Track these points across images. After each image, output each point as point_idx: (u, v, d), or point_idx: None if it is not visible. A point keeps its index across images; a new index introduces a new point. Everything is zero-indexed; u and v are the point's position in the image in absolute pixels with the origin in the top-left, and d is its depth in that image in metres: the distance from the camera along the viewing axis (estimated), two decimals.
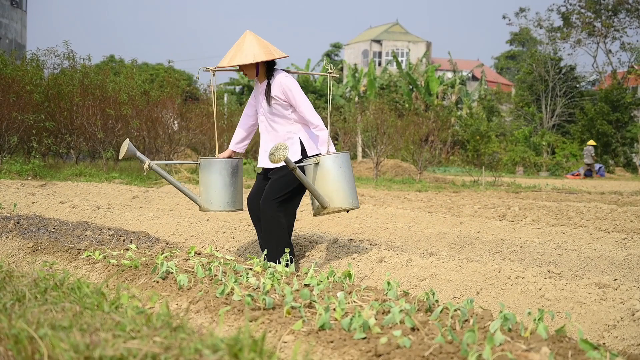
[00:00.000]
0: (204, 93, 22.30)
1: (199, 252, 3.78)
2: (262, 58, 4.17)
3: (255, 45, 4.21)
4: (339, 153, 4.16)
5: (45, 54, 16.25)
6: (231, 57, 4.21)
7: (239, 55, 4.19)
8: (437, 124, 18.94)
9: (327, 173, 4.13)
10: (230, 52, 4.25)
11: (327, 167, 4.12)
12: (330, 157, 4.12)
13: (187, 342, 1.82)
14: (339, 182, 4.11)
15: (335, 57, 55.00)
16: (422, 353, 1.94)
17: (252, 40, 4.23)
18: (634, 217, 7.76)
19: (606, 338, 3.05)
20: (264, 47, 4.23)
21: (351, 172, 4.21)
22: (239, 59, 4.17)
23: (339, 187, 4.10)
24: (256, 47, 4.20)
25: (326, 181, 4.13)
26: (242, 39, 4.26)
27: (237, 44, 4.27)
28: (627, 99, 31.87)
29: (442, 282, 3.90)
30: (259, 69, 4.28)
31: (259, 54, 4.18)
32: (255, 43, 4.22)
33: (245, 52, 4.18)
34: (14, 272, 2.91)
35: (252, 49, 4.19)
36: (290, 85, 4.25)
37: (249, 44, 4.21)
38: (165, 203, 8.13)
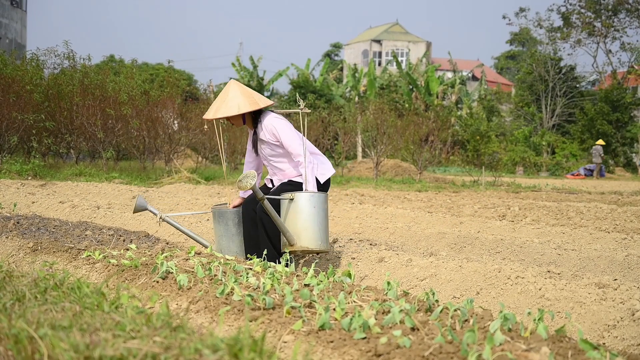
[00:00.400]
0: (204, 93, 22.30)
1: (199, 252, 3.78)
2: (246, 109, 4.21)
3: (239, 96, 4.25)
4: (316, 193, 4.12)
5: (45, 54, 16.27)
6: (216, 109, 4.26)
7: (224, 107, 4.24)
8: (437, 124, 18.94)
9: (300, 211, 4.09)
10: (216, 104, 4.30)
11: (301, 205, 4.09)
12: (306, 195, 4.09)
13: (187, 342, 1.82)
14: (310, 222, 4.06)
15: (335, 57, 55.02)
16: (422, 353, 1.94)
17: (236, 90, 4.28)
18: (634, 217, 7.76)
19: (606, 338, 3.05)
20: (248, 97, 4.26)
21: (325, 213, 4.17)
22: (224, 111, 4.22)
23: (309, 226, 4.04)
24: (240, 98, 4.24)
25: (297, 219, 4.09)
26: (226, 90, 4.31)
27: (221, 94, 4.32)
28: (627, 99, 31.87)
29: (442, 282, 3.90)
30: (245, 119, 4.35)
31: (243, 105, 4.22)
32: (239, 93, 4.26)
33: (230, 104, 4.23)
34: (14, 272, 2.91)
35: (236, 100, 4.23)
36: (277, 125, 4.29)
37: (233, 94, 4.26)
38: (165, 203, 8.14)
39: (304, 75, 38.61)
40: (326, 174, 4.42)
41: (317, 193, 4.12)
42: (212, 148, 17.95)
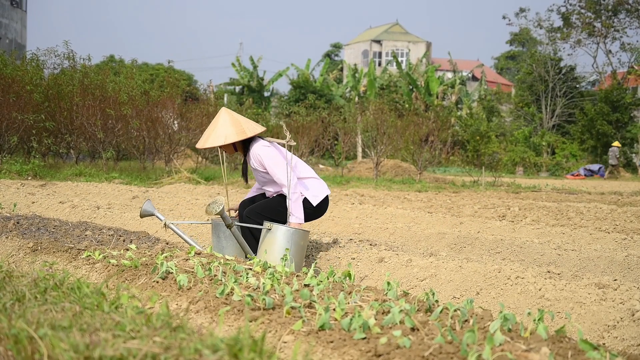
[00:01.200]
0: (204, 93, 22.31)
1: (198, 252, 3.78)
2: (233, 139, 4.27)
3: (227, 126, 4.30)
4: (292, 230, 4.18)
5: (45, 54, 16.26)
6: (205, 139, 4.33)
7: (212, 137, 4.30)
8: (437, 124, 18.94)
9: (274, 243, 4.18)
10: (207, 133, 4.36)
11: (277, 238, 4.18)
12: (282, 229, 4.17)
13: (187, 342, 1.82)
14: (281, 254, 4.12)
15: (335, 57, 55.02)
16: (422, 353, 1.94)
17: (226, 119, 4.32)
18: (634, 217, 7.76)
19: (606, 338, 3.05)
20: (237, 126, 4.31)
21: (300, 249, 4.22)
22: (212, 141, 4.29)
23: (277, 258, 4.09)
24: (229, 128, 4.29)
25: (271, 250, 4.18)
26: (216, 119, 4.37)
27: (212, 123, 4.38)
28: (627, 99, 31.87)
29: (442, 282, 3.90)
30: (236, 147, 4.41)
31: (231, 135, 4.27)
32: (229, 123, 4.31)
33: (218, 133, 4.29)
34: (13, 272, 2.91)
35: (225, 130, 4.29)
36: (262, 153, 4.34)
37: (222, 124, 4.32)
38: (165, 203, 8.14)
39: (304, 76, 38.61)
40: (319, 195, 4.47)
41: (294, 230, 4.19)
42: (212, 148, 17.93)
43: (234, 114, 4.38)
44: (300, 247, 4.23)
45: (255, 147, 4.36)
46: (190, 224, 4.94)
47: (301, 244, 4.24)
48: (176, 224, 4.49)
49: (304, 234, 4.27)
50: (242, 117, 4.42)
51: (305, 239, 4.29)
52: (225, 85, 39.44)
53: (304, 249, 4.30)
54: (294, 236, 4.20)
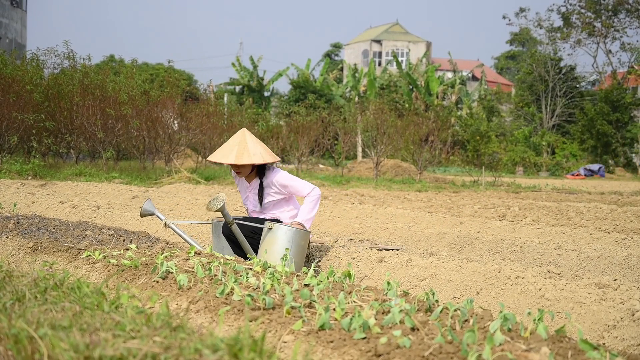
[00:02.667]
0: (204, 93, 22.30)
1: (198, 252, 3.78)
2: (268, 159, 4.31)
3: (258, 145, 4.34)
4: (293, 229, 4.20)
5: (45, 54, 16.25)
6: (237, 156, 4.27)
7: (246, 155, 4.27)
8: (437, 124, 18.94)
9: (275, 242, 4.21)
10: (232, 149, 4.31)
11: (278, 237, 4.21)
12: (284, 229, 4.20)
13: (187, 342, 1.81)
14: (281, 255, 4.14)
15: (335, 57, 55.02)
16: (422, 353, 1.94)
17: (254, 139, 4.36)
18: (634, 217, 7.76)
19: (606, 338, 3.05)
20: (265, 148, 4.36)
21: (301, 249, 4.24)
22: (248, 158, 4.26)
23: (277, 258, 4.12)
24: (260, 148, 4.33)
25: (272, 249, 4.21)
26: (242, 137, 4.34)
27: (238, 142, 4.33)
28: (627, 99, 31.87)
29: (442, 282, 3.90)
30: (253, 169, 4.42)
31: (266, 155, 4.32)
32: (257, 143, 4.35)
33: (252, 151, 4.29)
34: (14, 271, 2.91)
35: (257, 149, 4.32)
36: (283, 177, 4.41)
37: (252, 143, 4.32)
38: (165, 203, 8.13)
39: (304, 75, 38.61)
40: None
41: (295, 230, 4.21)
42: (212, 148, 17.94)
43: (254, 136, 4.44)
44: (300, 248, 4.24)
45: (275, 174, 4.42)
46: (190, 223, 4.95)
47: (302, 244, 4.24)
48: (176, 224, 4.49)
49: (305, 234, 4.28)
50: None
51: (306, 239, 4.29)
52: (225, 85, 39.45)
53: (305, 249, 4.31)
54: (295, 236, 4.20)
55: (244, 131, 4.41)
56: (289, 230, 4.20)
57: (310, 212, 4.39)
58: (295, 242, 4.20)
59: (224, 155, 4.33)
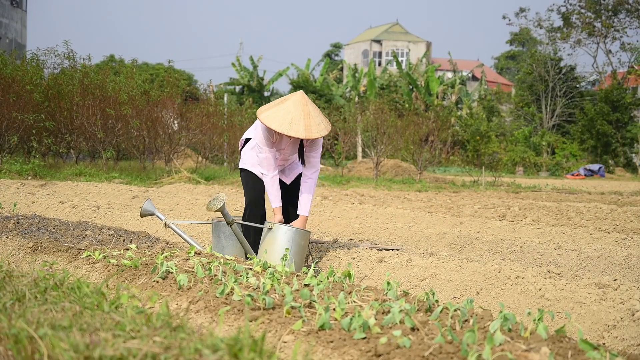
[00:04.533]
0: (204, 93, 22.30)
1: (199, 252, 3.78)
2: (329, 129, 4.27)
3: (319, 113, 4.24)
4: (293, 230, 4.20)
5: (45, 54, 16.24)
6: (307, 129, 4.11)
7: (315, 126, 4.15)
8: (437, 124, 18.94)
9: (275, 242, 4.21)
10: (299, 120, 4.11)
11: (277, 236, 4.21)
12: (284, 229, 4.20)
13: (187, 342, 1.81)
14: (280, 254, 4.15)
15: (335, 57, 55.02)
16: (422, 353, 1.94)
17: (313, 106, 4.24)
18: (634, 217, 7.76)
19: (606, 338, 3.05)
20: (322, 114, 4.28)
21: (301, 249, 4.24)
22: (317, 131, 4.15)
23: (278, 258, 4.13)
24: (321, 116, 4.25)
25: (271, 249, 4.21)
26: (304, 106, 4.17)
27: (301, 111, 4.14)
28: (627, 99, 31.87)
29: (442, 282, 3.90)
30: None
31: (328, 125, 4.26)
32: (317, 110, 4.24)
33: (317, 121, 4.17)
34: (14, 271, 2.91)
35: (320, 118, 4.22)
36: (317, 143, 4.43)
37: (315, 111, 4.21)
38: (165, 203, 8.13)
39: (304, 75, 38.61)
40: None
41: (295, 230, 4.21)
42: (212, 148, 17.94)
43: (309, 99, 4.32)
44: (300, 247, 4.24)
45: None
46: (190, 223, 4.94)
47: (302, 244, 4.25)
48: (176, 224, 4.49)
49: (305, 234, 4.28)
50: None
51: (306, 239, 4.30)
52: (225, 85, 39.45)
53: (305, 249, 4.31)
54: (295, 236, 4.21)
55: (303, 96, 4.23)
56: (289, 230, 4.20)
57: (312, 200, 4.46)
58: (295, 241, 4.20)
59: (291, 127, 4.09)
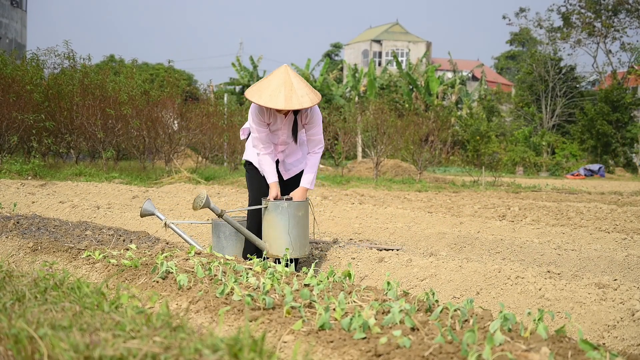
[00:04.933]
0: (204, 93, 22.30)
1: (198, 252, 3.78)
2: (315, 101, 4.15)
3: (304, 86, 4.15)
4: (288, 203, 4.18)
5: (45, 54, 16.24)
6: (286, 99, 4.04)
7: (295, 97, 4.07)
8: (437, 124, 18.94)
9: (271, 219, 4.22)
10: (278, 91, 4.07)
11: (272, 216, 4.22)
12: (276, 205, 4.19)
13: (187, 342, 1.81)
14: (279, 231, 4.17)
15: (335, 57, 55.02)
16: (422, 353, 1.94)
17: (298, 79, 4.16)
18: (634, 217, 7.76)
19: (606, 338, 3.05)
20: (310, 88, 4.19)
21: (300, 220, 4.22)
22: (297, 102, 4.07)
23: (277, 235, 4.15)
24: (306, 88, 4.15)
25: (269, 230, 4.24)
26: (286, 77, 4.11)
27: (283, 82, 4.10)
28: (627, 99, 31.87)
29: (442, 282, 3.90)
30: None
31: (313, 97, 4.15)
32: (302, 82, 4.16)
33: (300, 93, 4.09)
34: (13, 271, 2.91)
35: (304, 90, 4.13)
36: (315, 118, 4.35)
37: (298, 84, 4.12)
38: (165, 203, 8.13)
39: (304, 75, 38.60)
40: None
41: (288, 203, 4.19)
42: (212, 148, 17.94)
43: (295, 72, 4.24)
44: (298, 219, 4.20)
45: (316, 107, 4.33)
46: (190, 223, 4.95)
47: (299, 215, 4.20)
48: (176, 224, 4.49)
49: (299, 204, 4.22)
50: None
51: (304, 209, 4.24)
52: (225, 85, 39.45)
53: (304, 219, 4.26)
54: (290, 209, 4.18)
55: (286, 69, 4.17)
56: (282, 205, 4.18)
57: (314, 173, 4.39)
58: (291, 215, 4.17)
59: (271, 98, 4.05)
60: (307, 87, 4.16)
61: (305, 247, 4.30)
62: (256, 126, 4.31)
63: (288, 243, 4.18)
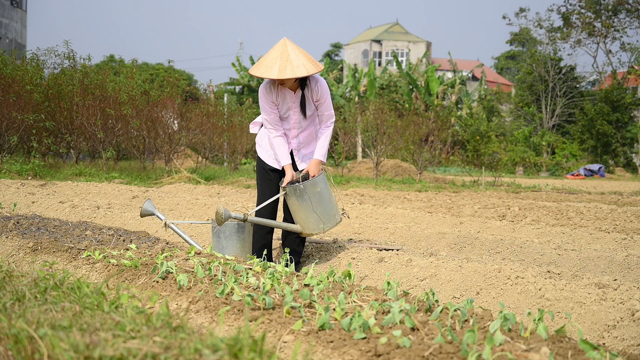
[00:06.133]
0: (204, 93, 22.29)
1: (198, 252, 3.78)
2: (312, 70, 4.09)
3: (301, 56, 4.10)
4: (304, 183, 4.20)
5: (45, 54, 16.25)
6: (280, 69, 4.02)
7: (289, 67, 4.03)
8: (437, 124, 18.93)
9: (293, 205, 4.28)
10: (274, 62, 4.05)
11: (293, 201, 4.27)
12: (292, 190, 4.22)
13: (187, 342, 1.81)
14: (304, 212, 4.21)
15: (335, 57, 55.01)
16: (422, 353, 1.94)
17: (295, 49, 4.11)
18: (634, 217, 7.76)
19: (606, 338, 3.05)
20: (309, 58, 4.14)
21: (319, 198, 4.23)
22: (291, 71, 4.03)
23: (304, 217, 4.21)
24: (303, 58, 4.10)
25: (295, 214, 4.30)
26: (283, 48, 4.09)
27: (280, 53, 4.08)
28: (627, 99, 31.87)
29: (442, 282, 3.90)
30: (297, 79, 4.19)
31: (309, 67, 4.09)
32: (300, 53, 4.11)
33: (295, 63, 4.05)
34: (13, 271, 2.91)
35: (301, 60, 4.08)
36: (323, 91, 4.31)
37: (294, 54, 4.08)
38: (165, 203, 8.13)
39: None
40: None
41: (302, 185, 4.21)
42: (212, 148, 17.94)
43: (296, 45, 4.19)
44: (319, 195, 4.24)
45: (317, 84, 4.28)
46: (191, 223, 4.95)
47: (318, 191, 4.24)
48: (176, 224, 4.50)
49: (314, 182, 4.24)
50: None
51: (320, 183, 4.26)
52: (225, 85, 39.44)
53: (325, 191, 4.29)
54: (308, 189, 4.22)
55: (284, 41, 4.14)
56: (297, 188, 4.20)
57: (327, 145, 4.39)
58: (310, 194, 4.21)
59: (266, 69, 4.04)
60: (305, 58, 4.11)
61: (336, 215, 4.39)
62: (266, 107, 4.33)
63: (317, 219, 4.26)
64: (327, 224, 4.29)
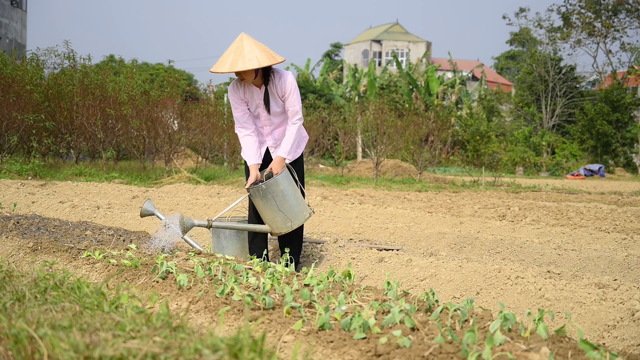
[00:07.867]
0: (204, 93, 22.29)
1: (198, 252, 3.78)
2: (265, 63, 4.06)
3: (255, 49, 4.09)
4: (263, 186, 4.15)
5: (45, 54, 16.25)
6: (232, 63, 4.06)
7: (241, 60, 4.05)
8: (437, 124, 18.93)
9: (258, 205, 4.23)
10: (229, 57, 4.11)
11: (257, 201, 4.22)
12: (255, 191, 4.18)
13: (187, 342, 1.81)
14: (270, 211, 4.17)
15: (335, 57, 55.02)
16: (422, 353, 1.93)
17: (251, 43, 4.12)
18: (634, 217, 7.76)
19: (606, 338, 3.05)
20: (265, 51, 4.13)
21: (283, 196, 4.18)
22: (242, 64, 4.03)
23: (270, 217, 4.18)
24: (257, 51, 4.09)
25: (260, 211, 4.25)
26: (239, 43, 4.13)
27: (235, 48, 4.13)
28: (627, 99, 31.87)
29: (442, 282, 3.90)
30: (257, 73, 4.19)
31: (263, 59, 4.07)
32: (255, 47, 4.11)
33: (248, 57, 4.05)
34: (13, 271, 2.91)
35: (254, 53, 4.07)
36: (287, 87, 4.24)
37: (249, 48, 4.09)
38: (165, 203, 8.13)
39: (304, 75, 38.61)
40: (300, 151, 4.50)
41: (264, 185, 4.15)
42: (212, 148, 17.93)
43: (255, 40, 4.19)
44: (283, 193, 4.17)
45: (281, 79, 4.23)
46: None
47: (282, 189, 4.16)
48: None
49: (276, 180, 4.16)
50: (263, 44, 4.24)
51: (283, 181, 4.19)
52: (225, 85, 39.43)
53: (290, 188, 4.22)
54: (271, 188, 4.14)
55: (242, 36, 4.16)
56: (259, 189, 4.15)
57: (291, 143, 4.29)
58: (273, 193, 4.14)
59: (220, 64, 4.10)
60: (259, 51, 4.10)
61: (303, 211, 4.28)
62: (234, 104, 4.34)
63: (284, 218, 4.19)
64: (295, 221, 4.22)
